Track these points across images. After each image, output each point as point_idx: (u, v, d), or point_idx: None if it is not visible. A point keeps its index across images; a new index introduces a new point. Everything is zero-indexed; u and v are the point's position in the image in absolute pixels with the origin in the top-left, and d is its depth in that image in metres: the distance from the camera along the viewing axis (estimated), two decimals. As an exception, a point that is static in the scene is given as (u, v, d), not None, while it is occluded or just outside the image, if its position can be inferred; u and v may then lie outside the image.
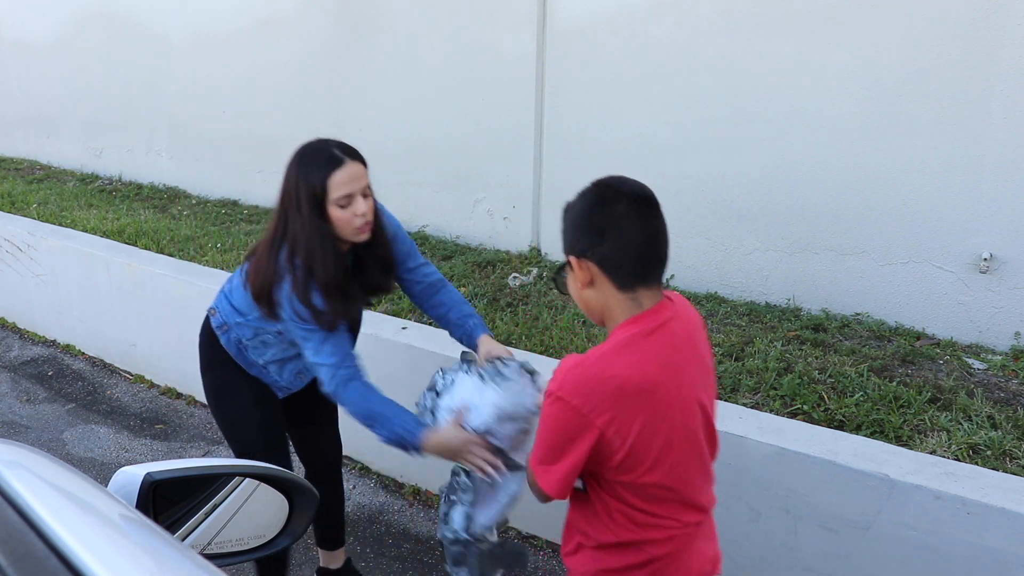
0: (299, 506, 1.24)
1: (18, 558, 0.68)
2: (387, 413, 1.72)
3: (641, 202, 1.31)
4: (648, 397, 1.22)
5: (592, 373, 1.23)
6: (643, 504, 1.29)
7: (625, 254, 1.26)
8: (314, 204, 1.70)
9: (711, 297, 3.41)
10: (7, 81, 6.97)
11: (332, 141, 1.77)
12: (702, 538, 1.38)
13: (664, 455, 1.25)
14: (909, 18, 2.82)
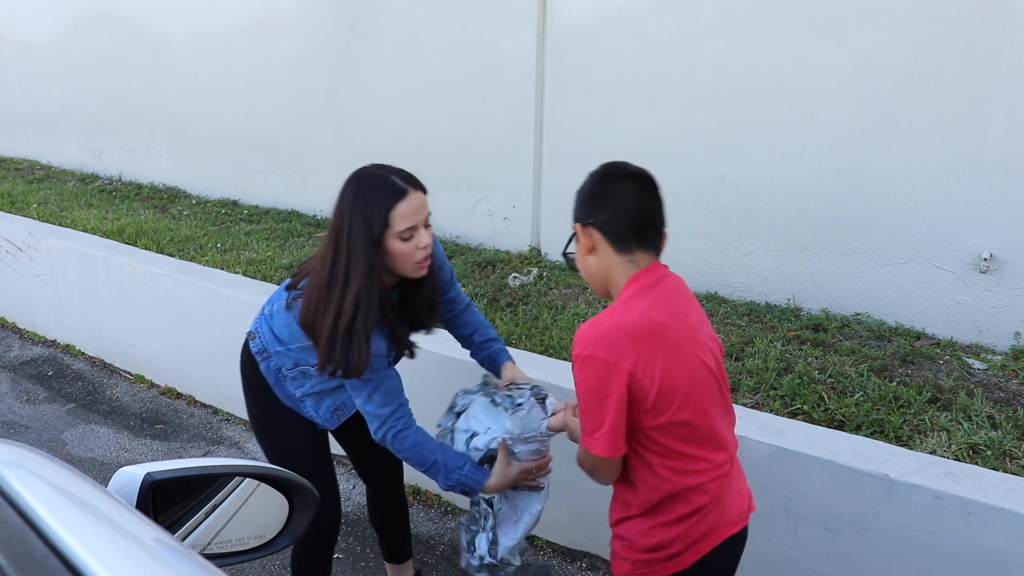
0: (299, 506, 1.24)
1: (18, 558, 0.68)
2: (444, 461, 1.70)
3: (639, 179, 1.50)
4: (662, 339, 1.34)
5: (607, 327, 1.35)
6: (682, 446, 1.38)
7: (622, 219, 1.42)
8: (369, 238, 1.57)
9: (711, 297, 3.41)
10: (7, 81, 6.97)
11: (390, 167, 1.67)
12: (735, 478, 1.49)
13: (691, 390, 1.36)
14: (909, 18, 2.82)
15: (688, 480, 1.41)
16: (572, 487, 2.48)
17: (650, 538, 1.44)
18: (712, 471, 1.43)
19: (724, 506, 1.45)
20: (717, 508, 1.44)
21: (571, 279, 3.57)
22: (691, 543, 1.43)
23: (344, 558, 2.59)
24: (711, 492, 1.42)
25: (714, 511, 1.43)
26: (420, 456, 1.70)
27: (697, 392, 1.38)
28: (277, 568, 2.54)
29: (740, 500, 1.50)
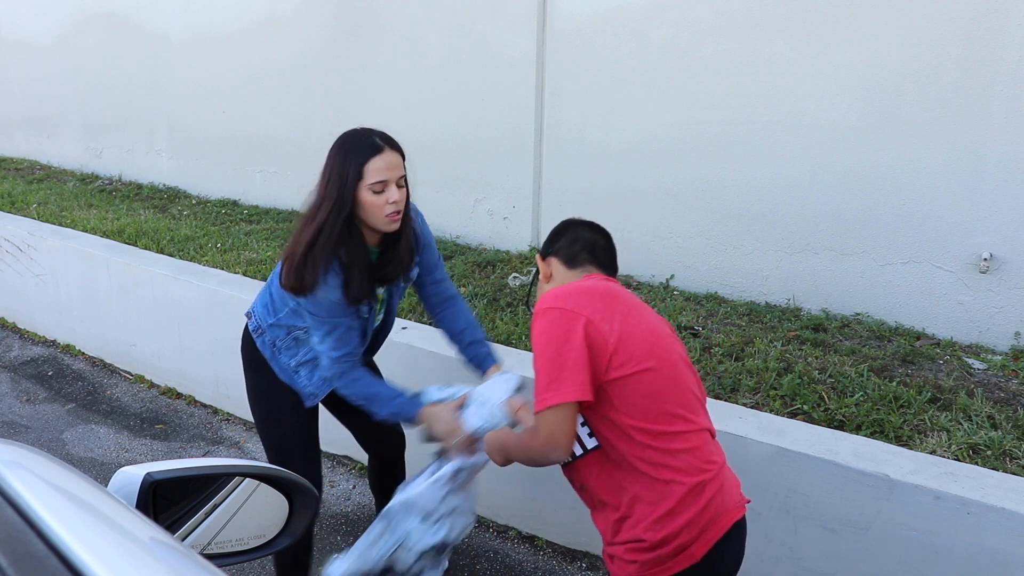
0: (299, 506, 1.24)
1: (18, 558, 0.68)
2: (382, 393, 1.85)
3: (595, 228, 1.70)
4: (617, 300, 1.44)
5: (568, 288, 1.47)
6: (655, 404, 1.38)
7: (576, 244, 1.64)
8: (348, 189, 1.74)
9: (711, 297, 3.41)
10: (7, 81, 6.97)
11: (374, 130, 1.85)
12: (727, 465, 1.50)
13: (652, 339, 1.42)
14: (909, 18, 2.82)
15: (676, 443, 1.39)
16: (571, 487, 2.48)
17: (652, 534, 1.38)
18: (703, 435, 1.43)
19: (726, 490, 1.43)
20: (721, 492, 1.41)
21: (571, 279, 3.57)
22: (699, 532, 1.38)
23: (344, 558, 2.59)
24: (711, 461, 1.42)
25: (719, 494, 1.41)
26: (360, 390, 1.85)
27: (661, 345, 1.43)
28: (277, 568, 2.54)
29: (736, 485, 1.50)
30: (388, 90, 4.37)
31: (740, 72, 3.20)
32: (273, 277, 1.97)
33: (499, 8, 3.84)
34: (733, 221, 3.36)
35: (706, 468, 1.40)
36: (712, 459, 1.43)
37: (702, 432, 1.44)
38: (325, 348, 1.83)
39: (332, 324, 1.80)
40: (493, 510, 2.73)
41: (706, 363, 2.70)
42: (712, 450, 1.45)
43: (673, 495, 1.38)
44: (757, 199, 3.28)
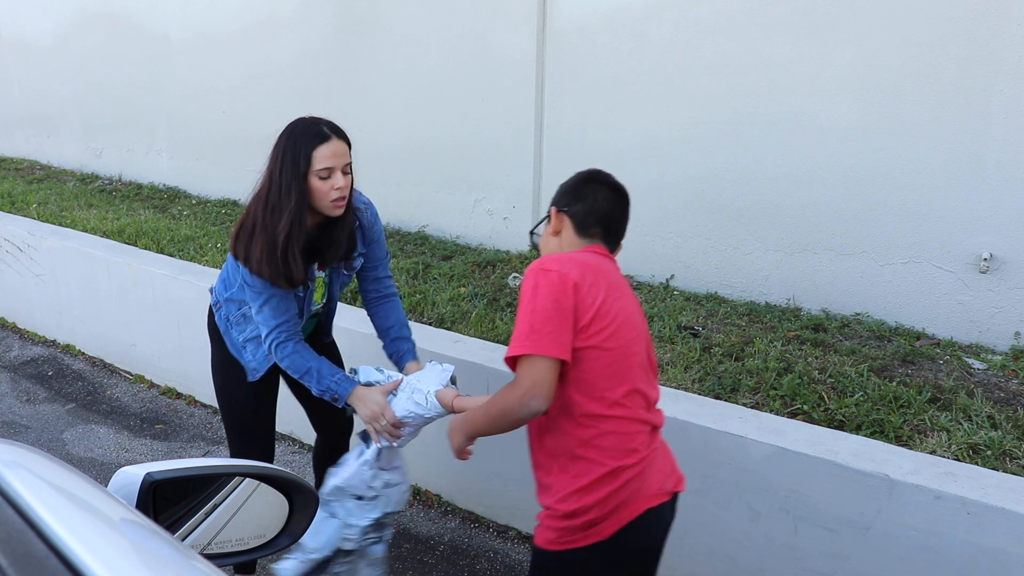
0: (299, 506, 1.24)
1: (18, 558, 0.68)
2: (319, 368, 1.94)
3: (617, 190, 1.69)
4: (603, 275, 1.50)
5: (566, 256, 1.53)
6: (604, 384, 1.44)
7: (592, 215, 1.63)
8: (297, 172, 1.83)
9: (711, 297, 3.41)
10: (7, 81, 6.97)
11: (321, 119, 1.91)
12: (661, 454, 1.54)
13: (623, 324, 1.47)
14: (909, 18, 2.82)
15: (610, 426, 1.44)
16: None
17: (568, 504, 1.45)
18: (636, 425, 1.47)
19: (646, 478, 1.47)
20: (639, 478, 1.46)
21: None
22: (609, 511, 1.43)
23: (344, 558, 2.59)
24: (637, 452, 1.46)
25: (636, 480, 1.45)
26: (298, 363, 1.94)
27: (627, 332, 1.48)
28: (277, 568, 2.54)
29: (662, 476, 1.52)
30: (388, 90, 4.37)
31: (740, 72, 3.20)
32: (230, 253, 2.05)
33: (499, 8, 3.84)
34: (733, 221, 3.36)
35: (628, 456, 1.45)
36: (637, 450, 1.47)
37: (636, 423, 1.48)
38: (263, 318, 1.93)
39: (268, 294, 1.90)
40: (493, 510, 2.73)
41: (706, 363, 2.70)
42: (642, 441, 1.48)
43: (591, 473, 1.44)
44: (757, 199, 3.28)
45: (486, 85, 3.97)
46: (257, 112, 5.08)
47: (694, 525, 2.27)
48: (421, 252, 4.03)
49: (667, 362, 2.72)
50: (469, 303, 3.30)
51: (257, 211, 1.88)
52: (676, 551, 2.32)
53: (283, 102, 4.90)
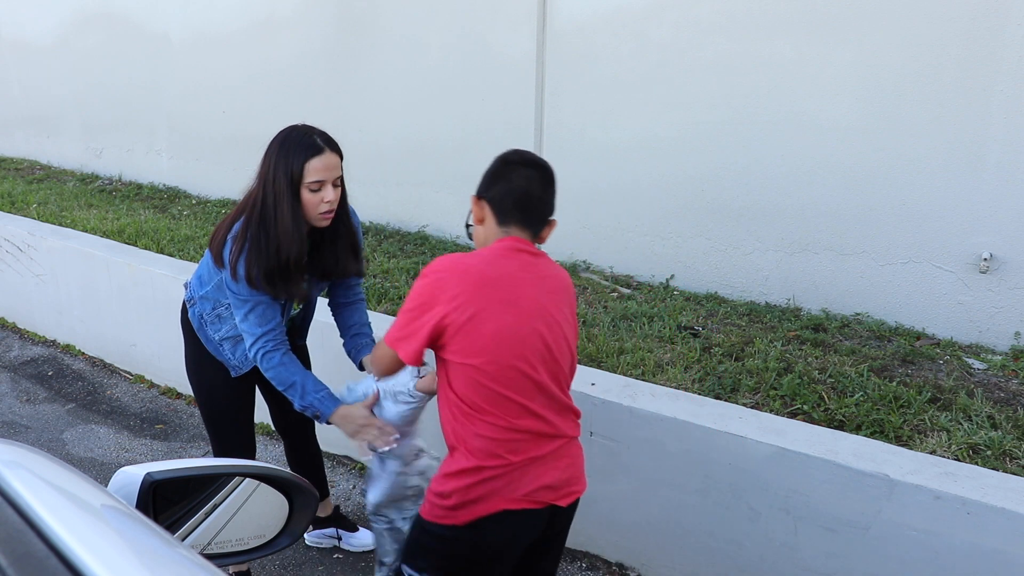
0: (299, 506, 1.24)
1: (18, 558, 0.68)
2: (303, 383, 1.91)
3: (534, 166, 1.67)
4: (490, 287, 1.49)
5: (452, 260, 1.53)
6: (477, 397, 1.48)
7: (507, 197, 1.61)
8: (290, 184, 1.83)
9: (711, 297, 3.40)
10: (7, 81, 6.97)
11: (315, 129, 1.93)
12: (550, 464, 1.54)
13: (499, 343, 1.47)
14: (909, 18, 2.82)
15: (479, 428, 1.49)
16: (572, 487, 2.48)
17: (440, 484, 1.55)
18: (508, 433, 1.48)
19: (512, 481, 1.50)
20: (504, 479, 1.50)
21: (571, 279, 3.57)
22: (466, 502, 1.50)
23: (343, 558, 2.59)
24: (501, 457, 1.49)
25: (498, 480, 1.50)
26: (283, 376, 1.91)
27: (504, 348, 1.47)
28: (277, 568, 2.55)
29: (537, 484, 1.52)
30: (388, 90, 4.37)
31: (740, 72, 3.20)
32: (208, 251, 2.05)
33: (499, 8, 3.84)
34: (733, 221, 3.36)
35: (491, 459, 1.49)
36: (502, 455, 1.49)
37: (508, 431, 1.49)
38: (248, 326, 1.91)
39: (254, 301, 1.89)
40: (493, 510, 2.73)
41: (706, 363, 2.70)
42: (513, 448, 1.49)
43: (458, 464, 1.52)
44: (757, 199, 3.28)
45: (486, 85, 3.97)
46: (257, 112, 5.08)
47: (694, 525, 2.27)
48: (421, 252, 4.03)
49: (667, 362, 2.72)
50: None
51: (250, 220, 1.87)
52: (676, 551, 2.33)
53: (283, 102, 4.90)
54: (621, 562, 2.48)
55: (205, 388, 2.21)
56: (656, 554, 2.38)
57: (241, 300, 1.89)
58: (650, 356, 2.73)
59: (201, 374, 2.19)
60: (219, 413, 2.23)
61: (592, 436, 2.37)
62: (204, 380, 2.19)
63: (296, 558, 2.58)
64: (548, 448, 1.54)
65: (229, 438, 2.25)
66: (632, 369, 2.65)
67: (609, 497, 2.41)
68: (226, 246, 1.89)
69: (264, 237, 1.85)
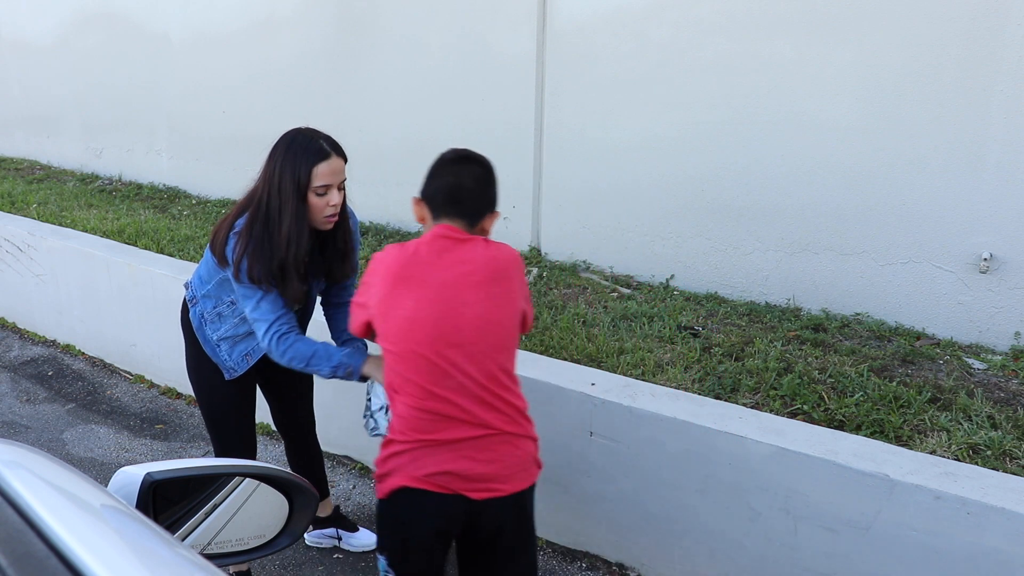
0: (299, 506, 1.24)
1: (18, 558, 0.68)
2: (325, 349, 1.93)
3: (468, 161, 1.71)
4: (406, 271, 1.59)
5: (390, 249, 1.66)
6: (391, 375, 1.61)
7: (440, 192, 1.68)
8: (297, 188, 1.86)
9: (711, 297, 3.40)
10: (7, 81, 6.97)
11: (320, 133, 1.96)
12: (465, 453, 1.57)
13: (408, 328, 1.56)
14: (909, 18, 2.82)
15: (395, 407, 1.62)
16: (571, 487, 2.48)
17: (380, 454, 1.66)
18: (416, 412, 1.56)
19: (418, 460, 1.56)
20: (408, 455, 1.57)
21: (571, 279, 3.57)
22: (382, 474, 1.62)
23: (344, 558, 2.59)
24: (408, 435, 1.57)
25: (404, 456, 1.58)
26: (302, 351, 1.91)
27: (413, 334, 1.55)
28: (277, 568, 2.55)
29: (440, 467, 1.56)
30: (388, 90, 4.37)
31: (740, 72, 3.20)
32: (208, 250, 2.07)
33: (499, 8, 3.84)
34: (733, 221, 3.36)
35: (401, 434, 1.59)
36: (412, 436, 1.57)
37: (416, 411, 1.57)
38: (260, 314, 1.92)
39: (263, 292, 1.91)
40: (493, 510, 2.73)
41: (706, 363, 2.70)
42: (423, 428, 1.56)
43: (389, 433, 1.64)
44: (757, 199, 3.28)
45: (486, 85, 3.97)
46: (257, 112, 5.08)
47: (694, 525, 2.27)
48: (421, 252, 4.03)
49: (667, 362, 2.72)
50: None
51: (254, 219, 1.89)
52: (676, 551, 2.33)
53: (283, 102, 4.90)
54: (621, 562, 2.48)
55: (205, 388, 2.21)
56: (656, 554, 2.38)
57: (250, 292, 1.92)
58: (650, 356, 2.73)
59: (201, 374, 2.19)
60: (219, 413, 2.23)
61: (592, 436, 2.37)
62: (204, 380, 2.20)
63: (296, 558, 2.58)
64: (461, 434, 1.56)
65: (229, 438, 2.25)
66: (632, 369, 2.65)
67: (609, 497, 2.41)
68: (229, 243, 1.91)
69: (267, 238, 1.87)
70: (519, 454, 1.62)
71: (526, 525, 1.70)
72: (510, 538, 1.66)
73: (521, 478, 1.63)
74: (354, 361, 1.92)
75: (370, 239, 4.28)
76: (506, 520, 1.64)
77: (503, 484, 1.60)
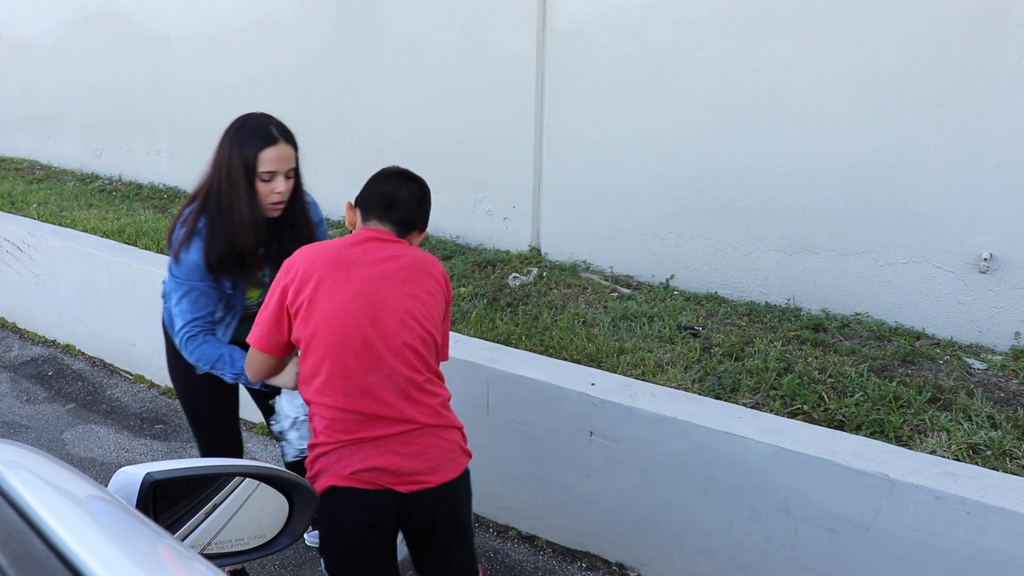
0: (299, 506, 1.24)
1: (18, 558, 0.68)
2: (230, 354, 1.92)
3: (402, 177, 1.81)
4: (332, 267, 1.61)
5: (313, 246, 1.68)
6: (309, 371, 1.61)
7: (371, 199, 1.75)
8: (245, 173, 1.87)
9: (711, 297, 3.40)
10: (7, 81, 6.97)
11: (271, 118, 1.95)
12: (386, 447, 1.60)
13: (333, 322, 1.58)
14: (909, 18, 2.82)
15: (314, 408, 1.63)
16: (572, 487, 2.48)
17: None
18: (340, 414, 1.59)
19: (344, 459, 1.60)
20: (334, 455, 1.60)
21: (571, 279, 3.57)
22: (312, 476, 1.64)
23: (344, 558, 2.59)
24: (332, 435, 1.60)
25: (330, 456, 1.61)
26: (208, 353, 1.92)
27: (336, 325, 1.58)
28: (277, 568, 2.55)
29: (366, 464, 1.59)
30: (388, 90, 4.37)
31: (740, 72, 3.20)
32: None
33: (499, 8, 3.84)
34: (733, 221, 3.36)
35: (325, 436, 1.61)
36: (335, 437, 1.60)
37: (335, 410, 1.59)
38: (179, 310, 1.92)
39: (189, 286, 1.90)
40: (493, 510, 2.73)
41: (706, 363, 2.70)
42: (345, 428, 1.59)
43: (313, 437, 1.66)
44: (757, 199, 3.28)
45: (486, 85, 3.97)
46: (257, 112, 5.07)
47: (694, 525, 2.27)
48: (421, 252, 4.02)
49: (667, 362, 2.72)
50: (469, 303, 3.30)
51: (205, 205, 1.90)
52: (676, 551, 2.33)
53: (283, 102, 4.89)
54: (621, 562, 2.48)
55: (185, 387, 2.19)
56: (656, 554, 2.38)
57: (178, 283, 1.91)
58: (650, 356, 2.73)
59: (179, 370, 2.16)
60: (200, 412, 2.21)
61: (592, 436, 2.37)
62: (182, 377, 2.17)
63: (296, 558, 2.58)
64: (386, 431, 1.59)
65: (210, 437, 2.24)
66: (632, 369, 2.65)
67: (609, 497, 2.41)
68: (176, 231, 1.92)
69: (220, 223, 1.87)
70: (444, 445, 1.65)
71: (460, 515, 1.72)
72: (445, 528, 1.69)
73: (449, 468, 1.66)
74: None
75: (370, 239, 4.27)
76: (439, 511, 1.66)
77: (431, 476, 1.63)
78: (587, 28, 3.59)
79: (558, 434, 2.44)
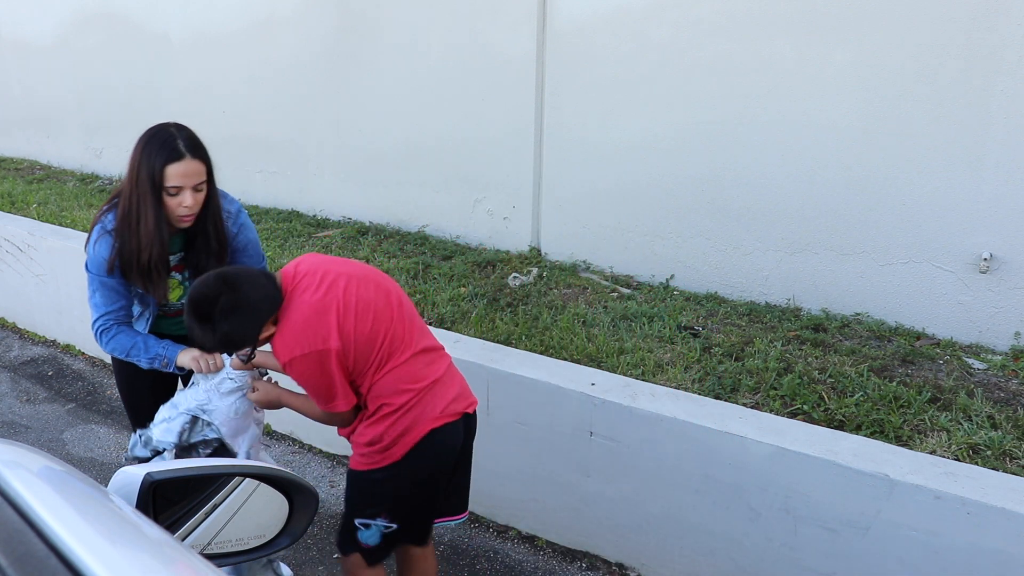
0: (299, 506, 1.24)
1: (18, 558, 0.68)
2: (144, 341, 1.99)
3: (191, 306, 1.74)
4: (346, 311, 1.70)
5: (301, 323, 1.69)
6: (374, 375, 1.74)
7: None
8: (152, 185, 1.90)
9: (711, 297, 3.40)
10: (7, 81, 6.97)
11: (184, 132, 2.00)
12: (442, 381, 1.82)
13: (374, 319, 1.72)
14: (909, 18, 2.82)
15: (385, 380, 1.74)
16: (571, 487, 2.48)
17: (365, 435, 1.78)
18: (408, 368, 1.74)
19: (430, 403, 1.77)
20: (417, 407, 1.75)
21: (571, 279, 3.57)
22: (396, 437, 1.75)
23: (344, 558, 2.59)
24: (406, 392, 1.74)
25: (414, 409, 1.75)
26: (122, 343, 1.99)
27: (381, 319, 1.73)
28: (277, 568, 2.54)
29: (442, 401, 1.79)
30: (388, 90, 4.37)
31: (740, 72, 3.20)
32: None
33: (499, 8, 3.84)
34: (733, 221, 3.36)
35: (406, 390, 1.74)
36: (410, 386, 1.75)
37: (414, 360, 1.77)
38: (93, 304, 1.99)
39: (99, 282, 1.96)
40: (493, 510, 2.73)
41: (706, 363, 2.70)
42: (417, 371, 1.77)
43: (380, 411, 1.76)
44: (757, 199, 3.28)
45: (486, 85, 3.97)
46: (257, 112, 5.08)
47: (694, 525, 2.27)
48: (421, 252, 4.03)
49: (667, 362, 2.72)
50: (469, 303, 3.30)
51: (113, 212, 1.95)
52: (676, 551, 2.33)
53: (283, 102, 4.90)
54: (621, 562, 2.48)
55: (126, 383, 2.19)
56: (656, 554, 2.38)
57: (91, 278, 1.98)
58: (650, 356, 2.73)
59: (120, 365, 2.16)
60: (138, 401, 2.18)
61: (592, 436, 2.37)
62: (121, 372, 2.18)
63: (296, 558, 2.58)
64: (440, 368, 1.83)
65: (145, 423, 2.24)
66: (632, 369, 2.65)
67: (609, 497, 2.41)
68: (94, 227, 1.98)
69: (128, 233, 1.91)
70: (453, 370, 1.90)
71: (474, 433, 1.95)
72: (467, 445, 1.92)
73: (467, 389, 1.91)
74: (170, 352, 1.99)
75: (370, 239, 4.27)
76: (473, 426, 1.92)
77: (469, 396, 1.90)
78: (587, 28, 3.59)
79: (558, 434, 2.44)
